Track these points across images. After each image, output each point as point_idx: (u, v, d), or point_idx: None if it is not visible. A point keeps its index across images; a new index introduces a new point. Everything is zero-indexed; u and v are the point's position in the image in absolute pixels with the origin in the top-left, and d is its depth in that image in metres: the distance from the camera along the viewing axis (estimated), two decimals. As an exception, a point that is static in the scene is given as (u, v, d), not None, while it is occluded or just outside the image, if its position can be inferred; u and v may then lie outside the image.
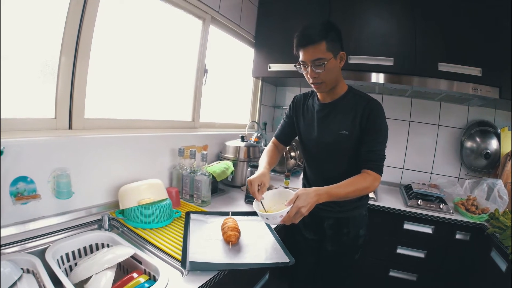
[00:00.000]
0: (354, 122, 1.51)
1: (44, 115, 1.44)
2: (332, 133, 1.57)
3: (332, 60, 1.43)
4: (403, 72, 2.38)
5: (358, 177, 1.45)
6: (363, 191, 1.44)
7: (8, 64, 1.28)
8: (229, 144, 2.47)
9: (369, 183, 1.43)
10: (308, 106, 1.71)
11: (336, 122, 1.56)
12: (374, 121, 1.48)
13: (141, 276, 1.09)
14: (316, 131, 1.64)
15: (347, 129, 1.52)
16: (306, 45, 1.42)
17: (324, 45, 1.39)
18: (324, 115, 1.61)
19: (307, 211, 1.28)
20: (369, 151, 1.48)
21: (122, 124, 1.82)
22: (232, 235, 1.35)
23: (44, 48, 1.39)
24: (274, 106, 3.77)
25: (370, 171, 1.46)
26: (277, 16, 2.92)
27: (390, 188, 2.94)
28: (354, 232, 1.69)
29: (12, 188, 1.23)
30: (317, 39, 1.39)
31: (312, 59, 1.42)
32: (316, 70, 1.44)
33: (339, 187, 1.39)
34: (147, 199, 1.54)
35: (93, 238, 1.33)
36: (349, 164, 1.56)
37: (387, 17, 2.47)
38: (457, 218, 2.18)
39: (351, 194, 1.40)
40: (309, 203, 1.28)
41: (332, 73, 1.47)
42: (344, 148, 1.56)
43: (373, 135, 1.48)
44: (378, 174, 1.47)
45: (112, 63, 1.75)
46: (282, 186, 2.55)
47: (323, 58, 1.41)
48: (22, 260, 1.05)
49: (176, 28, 2.17)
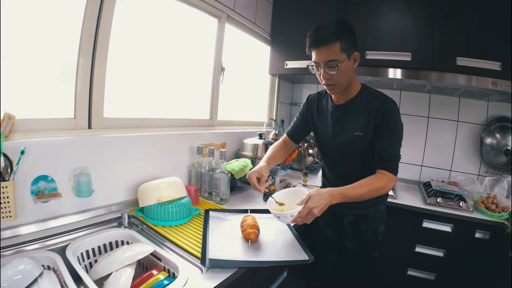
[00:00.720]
0: (368, 123, 1.47)
1: (64, 115, 1.46)
2: (347, 135, 1.54)
3: (346, 61, 1.39)
4: (421, 67, 2.31)
5: (372, 178, 1.41)
6: (378, 191, 1.40)
7: (28, 66, 1.31)
8: (247, 141, 2.46)
9: (383, 184, 1.39)
10: (323, 106, 1.68)
11: (350, 123, 1.53)
12: (389, 120, 1.43)
13: (161, 273, 1.09)
14: (331, 132, 1.61)
15: (361, 130, 1.49)
16: (319, 45, 1.38)
17: (338, 45, 1.35)
18: (338, 116, 1.58)
19: (319, 212, 1.25)
20: (384, 150, 1.44)
21: (141, 123, 1.83)
22: (251, 232, 1.33)
23: (63, 49, 1.41)
24: (291, 103, 3.73)
25: (385, 171, 1.42)
26: (293, 12, 2.89)
27: (408, 186, 2.87)
28: (373, 228, 1.67)
29: (33, 187, 1.25)
30: (331, 39, 1.34)
31: (325, 60, 1.38)
32: (329, 72, 1.40)
33: (352, 188, 1.36)
34: (166, 197, 1.54)
35: (113, 235, 1.34)
36: (366, 163, 1.52)
37: (404, 11, 2.41)
38: (477, 216, 2.12)
39: (365, 195, 1.37)
40: (321, 204, 1.25)
41: (345, 75, 1.43)
42: (359, 148, 1.53)
43: (388, 134, 1.44)
44: (393, 175, 1.43)
45: (130, 63, 1.76)
46: (301, 184, 2.54)
47: (337, 60, 1.36)
48: (43, 257, 1.07)
49: (192, 27, 2.17)
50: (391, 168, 1.43)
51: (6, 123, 1.16)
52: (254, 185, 1.49)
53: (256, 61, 3.08)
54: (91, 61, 1.49)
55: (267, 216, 1.63)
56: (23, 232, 1.22)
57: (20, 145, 1.16)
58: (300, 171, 2.88)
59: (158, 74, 1.95)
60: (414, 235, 2.31)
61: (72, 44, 1.43)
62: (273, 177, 1.98)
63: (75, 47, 1.44)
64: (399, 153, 1.46)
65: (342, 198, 1.32)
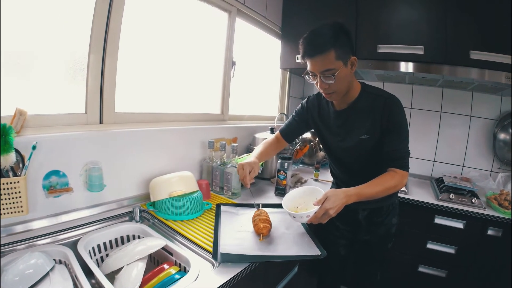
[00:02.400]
0: (374, 124, 1.43)
1: (75, 110, 1.46)
2: (353, 139, 1.50)
3: (343, 68, 1.32)
4: (433, 60, 2.25)
5: (386, 176, 1.39)
6: (392, 189, 1.37)
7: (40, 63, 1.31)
8: (259, 136, 2.44)
9: (397, 181, 1.37)
10: (324, 108, 1.63)
11: (356, 127, 1.49)
12: (395, 120, 1.39)
13: (172, 268, 1.08)
14: (336, 137, 1.58)
15: (368, 133, 1.45)
16: (313, 54, 1.31)
17: (333, 54, 1.28)
18: (342, 122, 1.54)
19: (335, 212, 1.23)
20: (393, 150, 1.40)
21: (152, 118, 1.83)
22: (263, 227, 1.32)
23: (74, 45, 1.41)
24: (302, 97, 3.66)
25: (397, 169, 1.39)
26: (303, 6, 2.84)
27: (420, 181, 2.83)
28: (387, 221, 1.66)
29: (45, 181, 1.25)
30: (325, 47, 1.27)
31: (321, 70, 1.32)
32: (326, 82, 1.34)
33: (368, 187, 1.33)
34: (178, 191, 1.53)
35: (124, 229, 1.35)
36: (374, 163, 1.48)
37: (417, 4, 2.34)
38: (490, 213, 2.07)
39: (380, 194, 1.34)
40: (337, 205, 1.23)
41: (343, 82, 1.36)
42: (367, 150, 1.50)
43: (395, 135, 1.40)
44: (405, 171, 1.40)
45: (140, 58, 1.75)
46: (312, 179, 2.52)
47: (333, 69, 1.30)
48: (54, 251, 1.07)
49: (203, 22, 2.15)
50: (402, 165, 1.40)
51: (18, 119, 1.16)
52: (245, 177, 1.49)
53: (267, 55, 3.05)
54: (102, 57, 1.49)
55: (278, 210, 1.62)
56: (35, 226, 1.23)
57: (31, 141, 1.16)
58: (311, 165, 2.85)
59: (169, 69, 1.95)
60: (426, 231, 2.28)
61: (84, 39, 1.43)
62: (284, 172, 1.97)
63: (86, 42, 1.44)
64: (408, 149, 1.44)
65: (358, 198, 1.30)
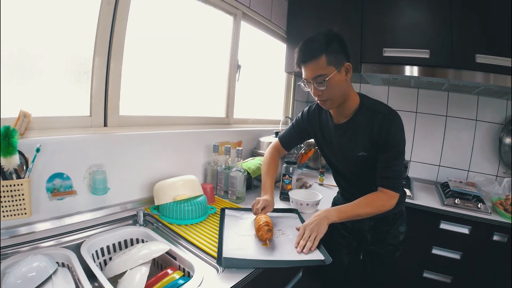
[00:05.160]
0: (371, 141, 1.41)
1: (80, 113, 1.46)
2: (350, 155, 1.49)
3: (335, 74, 1.30)
4: (439, 64, 2.23)
5: (371, 196, 1.40)
6: (377, 211, 1.38)
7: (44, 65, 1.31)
8: (264, 140, 2.43)
9: (383, 202, 1.38)
10: (324, 120, 1.61)
11: (353, 144, 1.47)
12: (391, 138, 1.36)
13: (176, 272, 1.07)
14: (336, 151, 1.58)
15: (364, 150, 1.44)
16: (305, 60, 1.32)
17: (324, 59, 1.28)
18: (340, 135, 1.52)
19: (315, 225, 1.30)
20: (386, 167, 1.39)
21: (157, 121, 1.83)
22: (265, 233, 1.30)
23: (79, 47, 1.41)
24: (307, 101, 3.68)
25: (385, 189, 1.38)
26: (309, 9, 2.84)
27: (426, 186, 2.80)
28: (394, 229, 1.63)
29: (49, 184, 1.25)
30: (316, 53, 1.28)
31: (312, 76, 1.32)
32: (318, 88, 1.33)
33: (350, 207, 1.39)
34: (182, 195, 1.52)
35: (128, 233, 1.34)
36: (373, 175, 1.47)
37: (422, 7, 2.34)
38: (495, 218, 2.04)
39: (363, 215, 1.39)
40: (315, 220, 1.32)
41: (336, 89, 1.34)
42: (364, 166, 1.48)
43: (390, 152, 1.38)
44: (394, 192, 1.38)
45: (145, 61, 1.75)
46: (317, 183, 2.50)
47: (324, 75, 1.29)
48: (57, 254, 1.07)
49: (208, 25, 2.15)
50: (392, 186, 1.39)
51: (22, 121, 1.16)
52: (258, 209, 1.49)
53: (272, 59, 3.05)
54: (107, 60, 1.49)
55: (284, 215, 1.61)
56: (38, 229, 1.22)
57: (35, 143, 1.16)
58: (316, 170, 2.84)
59: (174, 72, 1.95)
60: (431, 236, 2.25)
61: (89, 41, 1.43)
62: (290, 176, 1.96)
63: (91, 44, 1.44)
64: (402, 169, 1.41)
65: (338, 215, 1.35)
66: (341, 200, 1.81)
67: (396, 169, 1.39)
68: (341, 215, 1.34)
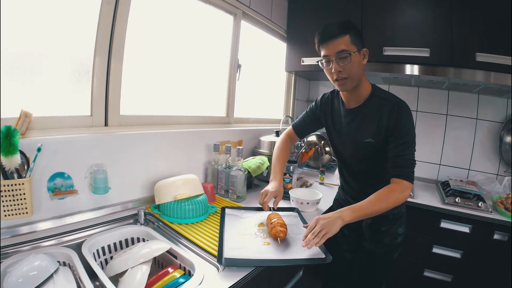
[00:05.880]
0: (379, 128, 1.41)
1: (81, 112, 1.46)
2: (358, 141, 1.50)
3: (357, 54, 1.37)
4: (439, 63, 2.23)
5: (384, 190, 1.33)
6: (392, 205, 1.31)
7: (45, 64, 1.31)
8: (264, 139, 2.43)
9: (397, 194, 1.32)
10: (336, 107, 1.63)
11: (361, 129, 1.48)
12: (401, 126, 1.36)
13: (177, 271, 1.08)
14: (344, 137, 1.58)
15: (372, 137, 1.44)
16: (329, 39, 1.36)
17: (348, 38, 1.34)
18: (349, 121, 1.54)
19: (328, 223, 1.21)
20: (398, 156, 1.36)
21: (157, 120, 1.83)
22: (281, 230, 1.31)
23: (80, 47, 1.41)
24: (307, 100, 3.69)
25: (399, 179, 1.34)
26: (309, 8, 2.84)
27: (426, 185, 2.81)
28: (393, 230, 1.62)
29: (50, 183, 1.25)
30: (341, 32, 1.34)
31: (336, 51, 1.35)
32: (340, 63, 1.36)
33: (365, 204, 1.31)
34: (183, 194, 1.53)
35: (128, 232, 1.34)
36: (379, 166, 1.46)
37: (422, 6, 2.33)
38: (496, 217, 2.05)
39: (380, 211, 1.31)
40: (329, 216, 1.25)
41: (356, 67, 1.38)
42: (370, 154, 1.48)
43: (401, 140, 1.36)
44: (408, 182, 1.34)
45: (146, 60, 1.76)
46: (317, 182, 2.50)
47: (348, 50, 1.34)
48: (58, 253, 1.07)
49: (208, 24, 2.16)
50: (406, 175, 1.35)
51: (23, 121, 1.16)
52: (265, 203, 1.50)
53: (273, 58, 3.05)
54: (107, 59, 1.49)
55: (283, 214, 1.61)
56: (40, 228, 1.23)
57: (36, 142, 1.16)
58: (316, 169, 2.84)
59: (174, 71, 1.95)
60: (432, 235, 2.26)
61: (89, 41, 1.43)
62: (290, 175, 1.96)
63: (92, 44, 1.44)
64: (414, 158, 1.38)
65: (353, 213, 1.27)
66: (341, 195, 1.82)
67: (409, 158, 1.37)
68: (355, 214, 1.27)
